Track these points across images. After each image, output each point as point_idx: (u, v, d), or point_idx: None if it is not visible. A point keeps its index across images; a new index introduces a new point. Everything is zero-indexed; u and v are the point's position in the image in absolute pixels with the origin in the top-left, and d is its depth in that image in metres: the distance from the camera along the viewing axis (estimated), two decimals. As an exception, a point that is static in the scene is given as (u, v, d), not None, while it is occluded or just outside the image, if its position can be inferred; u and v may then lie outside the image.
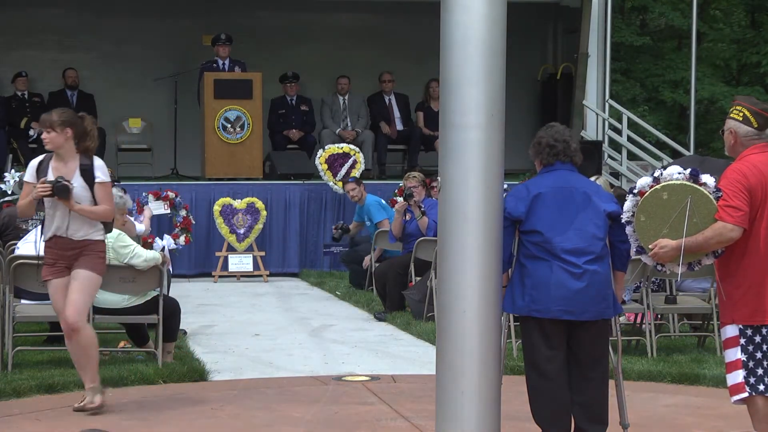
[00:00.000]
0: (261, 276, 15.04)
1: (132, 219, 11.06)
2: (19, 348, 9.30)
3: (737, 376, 6.20)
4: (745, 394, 6.17)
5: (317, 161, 15.67)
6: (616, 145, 18.49)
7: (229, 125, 15.70)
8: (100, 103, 17.11)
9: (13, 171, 14.34)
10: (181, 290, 12.76)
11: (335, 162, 15.63)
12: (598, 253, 6.41)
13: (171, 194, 14.78)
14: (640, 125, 19.06)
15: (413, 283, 11.81)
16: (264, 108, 16.35)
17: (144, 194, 14.68)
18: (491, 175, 5.49)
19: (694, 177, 6.31)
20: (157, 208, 14.65)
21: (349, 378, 8.93)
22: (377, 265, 12.88)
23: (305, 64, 17.87)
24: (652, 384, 8.78)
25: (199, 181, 15.90)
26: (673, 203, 6.28)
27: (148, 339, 9.51)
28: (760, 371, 6.18)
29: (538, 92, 18.83)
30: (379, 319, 11.80)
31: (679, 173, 6.33)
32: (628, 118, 18.25)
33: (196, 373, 8.99)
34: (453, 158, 5.47)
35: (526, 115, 18.33)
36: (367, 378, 8.90)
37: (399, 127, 17.41)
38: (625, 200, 6.46)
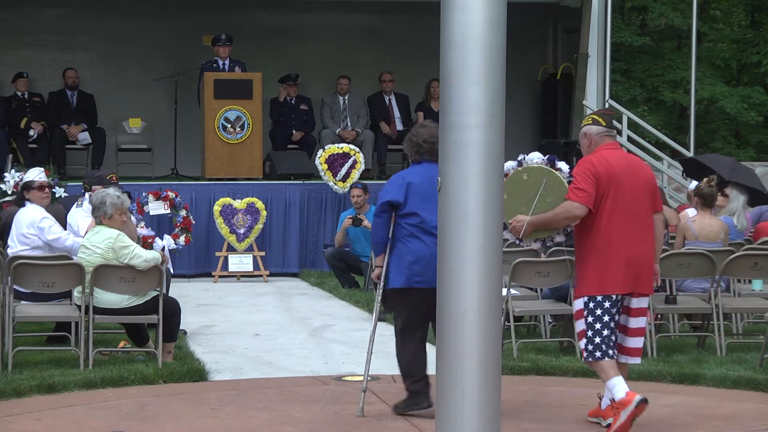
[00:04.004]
0: (261, 276, 15.04)
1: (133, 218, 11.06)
2: (19, 348, 9.29)
3: (581, 344, 7.29)
4: (582, 360, 7.33)
5: (317, 161, 15.66)
6: (616, 145, 18.46)
7: (229, 125, 15.70)
8: (100, 103, 17.12)
9: (13, 171, 14.33)
10: (181, 290, 12.77)
11: (335, 162, 15.62)
12: None
13: (171, 194, 14.78)
14: (640, 125, 19.06)
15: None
16: (264, 108, 16.35)
17: (144, 194, 14.69)
18: (491, 175, 5.48)
19: (552, 162, 7.47)
20: (157, 208, 14.65)
21: (349, 378, 8.94)
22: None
23: (305, 64, 17.88)
24: (652, 384, 8.78)
25: (199, 181, 15.90)
26: (531, 183, 7.25)
27: (148, 339, 9.51)
28: (597, 340, 7.19)
29: (538, 92, 18.82)
30: (379, 319, 11.78)
31: (540, 158, 7.41)
32: (628, 118, 18.25)
33: (196, 373, 8.99)
34: (453, 158, 5.46)
35: (526, 115, 18.34)
36: (368, 378, 8.88)
37: (399, 127, 17.41)
38: None
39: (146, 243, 11.73)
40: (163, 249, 11.74)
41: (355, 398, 7.91)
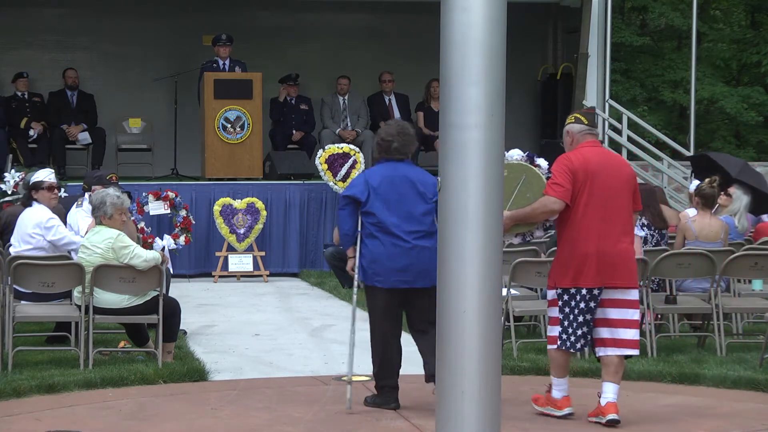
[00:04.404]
0: (261, 276, 15.04)
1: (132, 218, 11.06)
2: (19, 348, 9.29)
3: (555, 330, 7.50)
4: (555, 346, 7.47)
5: (317, 161, 15.66)
6: (616, 146, 18.47)
7: (229, 125, 15.70)
8: (100, 103, 17.12)
9: (13, 171, 14.33)
10: (181, 290, 12.76)
11: (335, 162, 15.62)
12: (426, 230, 7.59)
13: (171, 194, 14.78)
14: (640, 125, 19.06)
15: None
16: (264, 108, 16.35)
17: (144, 194, 14.69)
18: (491, 175, 5.48)
19: (531, 159, 7.65)
20: (157, 208, 14.65)
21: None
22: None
23: (305, 64, 17.88)
24: (652, 384, 8.78)
25: (199, 181, 15.90)
26: (511, 180, 7.38)
27: (148, 339, 9.50)
28: (570, 330, 7.40)
29: (538, 92, 18.83)
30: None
31: (519, 155, 7.64)
32: (628, 118, 18.25)
33: (196, 373, 8.99)
34: (453, 158, 5.46)
35: (526, 115, 18.34)
36: (367, 378, 8.88)
37: (399, 127, 17.39)
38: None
39: (146, 243, 11.74)
40: (163, 249, 11.74)
41: (355, 398, 7.92)
